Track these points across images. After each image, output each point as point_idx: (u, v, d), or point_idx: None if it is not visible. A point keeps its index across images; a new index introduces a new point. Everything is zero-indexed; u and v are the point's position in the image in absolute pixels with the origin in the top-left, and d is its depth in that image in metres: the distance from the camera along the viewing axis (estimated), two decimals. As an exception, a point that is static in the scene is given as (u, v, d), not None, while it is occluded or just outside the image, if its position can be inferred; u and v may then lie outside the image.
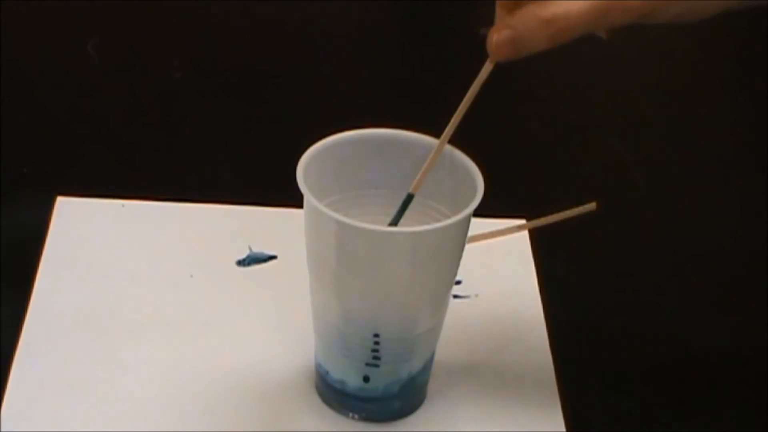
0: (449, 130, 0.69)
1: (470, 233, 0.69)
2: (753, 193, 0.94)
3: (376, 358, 0.70)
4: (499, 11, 0.67)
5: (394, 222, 0.70)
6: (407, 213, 0.71)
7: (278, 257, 0.84)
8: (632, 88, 1.06)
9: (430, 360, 0.73)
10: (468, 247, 0.70)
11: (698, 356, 0.80)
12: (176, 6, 1.11)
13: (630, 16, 0.63)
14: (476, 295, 0.82)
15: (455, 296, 0.80)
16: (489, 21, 1.16)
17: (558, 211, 0.86)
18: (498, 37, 0.66)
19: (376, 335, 0.69)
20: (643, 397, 0.77)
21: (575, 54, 1.12)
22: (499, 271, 0.84)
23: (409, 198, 0.70)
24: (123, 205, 0.87)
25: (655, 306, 0.84)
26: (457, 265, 0.70)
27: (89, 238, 0.84)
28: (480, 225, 0.75)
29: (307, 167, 0.68)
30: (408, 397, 0.73)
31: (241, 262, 0.83)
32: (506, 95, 1.05)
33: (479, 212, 0.67)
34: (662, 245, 0.89)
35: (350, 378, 0.71)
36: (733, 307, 0.84)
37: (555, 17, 0.63)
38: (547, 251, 0.86)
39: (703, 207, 0.94)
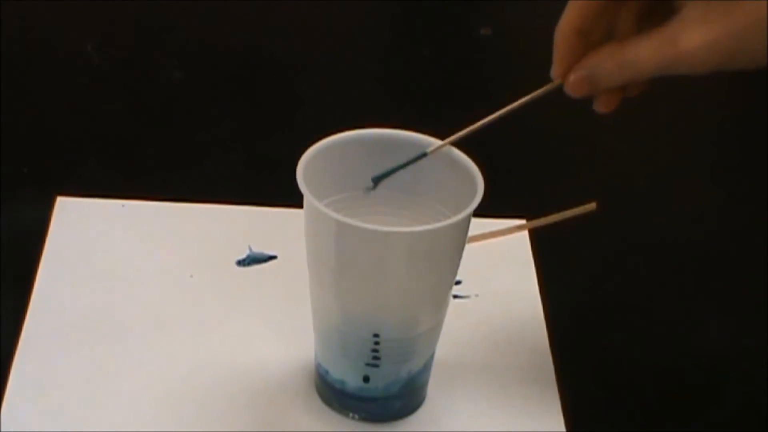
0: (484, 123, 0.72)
1: (470, 233, 0.69)
2: (754, 193, 0.94)
3: (376, 358, 0.70)
4: (563, 46, 0.70)
5: (391, 171, 0.70)
6: (408, 213, 0.71)
7: (278, 257, 0.84)
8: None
9: (430, 360, 0.73)
10: (468, 247, 0.70)
11: (698, 356, 0.80)
12: (176, 6, 1.11)
13: (698, 69, 0.66)
14: (476, 295, 0.82)
15: (455, 296, 0.80)
16: (489, 21, 1.16)
17: (558, 211, 0.86)
18: (575, 77, 0.70)
19: (376, 335, 0.69)
20: (643, 396, 0.77)
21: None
22: (499, 271, 0.84)
23: (421, 156, 0.70)
24: (123, 205, 0.87)
25: (655, 306, 0.84)
26: (457, 265, 0.70)
27: (89, 238, 0.84)
28: (480, 225, 0.75)
29: (307, 167, 0.68)
30: (408, 397, 0.73)
31: (241, 262, 0.83)
32: (506, 96, 1.05)
33: (479, 212, 0.67)
34: (662, 245, 0.89)
35: (350, 378, 0.71)
36: (733, 307, 0.84)
37: (629, 62, 0.67)
38: (547, 251, 0.86)
39: (703, 207, 0.94)
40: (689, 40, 0.65)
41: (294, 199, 0.68)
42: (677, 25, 0.66)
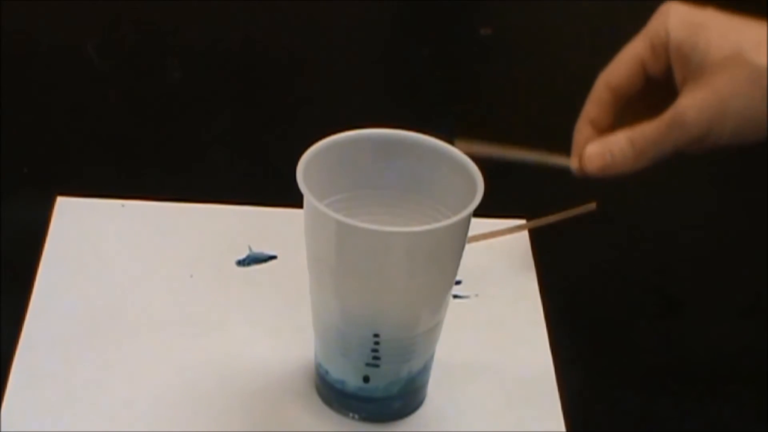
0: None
1: (470, 233, 0.69)
2: (753, 192, 0.94)
3: (376, 358, 0.70)
4: (582, 140, 0.79)
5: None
6: (408, 213, 0.71)
7: (278, 257, 0.84)
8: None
9: (430, 360, 0.73)
10: (468, 247, 0.70)
11: (698, 356, 0.80)
12: (176, 6, 1.11)
13: (692, 129, 0.74)
14: (476, 295, 0.82)
15: (455, 296, 0.80)
16: (489, 21, 1.16)
17: (558, 211, 0.87)
18: (591, 149, 0.77)
19: (376, 335, 0.69)
20: (643, 396, 0.77)
21: (575, 54, 1.12)
22: (499, 271, 0.84)
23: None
24: (123, 205, 0.87)
25: (654, 306, 0.84)
26: (457, 265, 0.70)
27: (89, 238, 0.84)
28: (480, 225, 0.75)
29: (307, 167, 0.68)
30: (408, 397, 0.73)
31: (241, 262, 0.83)
32: (506, 96, 1.05)
33: (479, 212, 0.67)
34: (662, 245, 0.89)
35: (350, 378, 0.71)
36: (734, 307, 0.84)
37: (637, 137, 0.76)
38: (547, 251, 0.86)
39: (703, 207, 0.94)
40: (682, 103, 0.74)
41: (294, 199, 0.68)
42: (676, 100, 0.75)
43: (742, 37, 0.74)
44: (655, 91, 0.78)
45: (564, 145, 0.90)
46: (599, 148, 0.77)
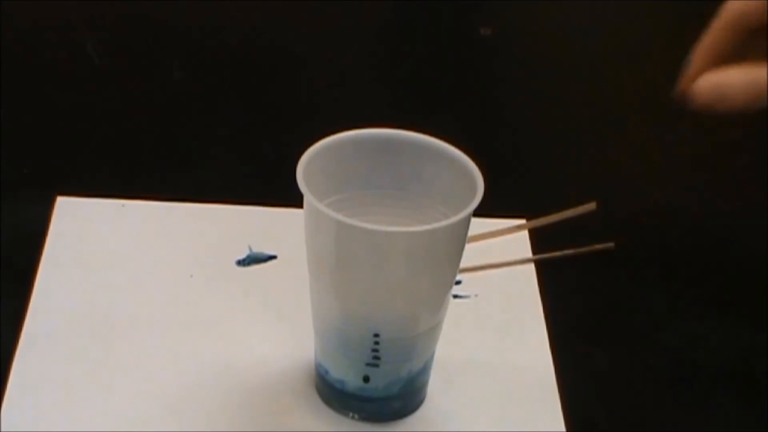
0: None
1: (470, 233, 0.69)
2: (752, 192, 0.94)
3: (376, 358, 0.70)
4: (698, 62, 0.75)
5: None
6: (407, 213, 0.71)
7: (278, 257, 0.84)
8: (632, 88, 1.06)
9: (430, 360, 0.73)
10: (468, 247, 0.70)
11: (698, 356, 0.80)
12: (176, 6, 1.11)
13: None
14: (476, 295, 0.82)
15: (455, 296, 0.80)
16: (489, 21, 1.16)
17: (558, 210, 0.86)
18: (704, 81, 0.73)
19: (376, 335, 0.69)
20: (643, 397, 0.77)
21: (574, 55, 1.12)
22: (499, 271, 0.84)
23: None
24: (123, 205, 0.87)
25: (655, 305, 0.84)
26: (457, 265, 0.70)
27: (89, 238, 0.84)
28: (480, 225, 0.75)
29: (307, 167, 0.68)
30: (408, 397, 0.73)
31: (241, 262, 0.83)
32: (506, 96, 1.05)
33: (479, 212, 0.67)
34: (662, 244, 0.89)
35: (350, 378, 0.71)
36: (733, 307, 0.84)
37: (754, 79, 0.72)
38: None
39: (702, 206, 0.94)
40: None
41: (294, 199, 0.68)
42: None
43: None
44: None
45: (563, 144, 0.90)
46: (712, 86, 0.73)
